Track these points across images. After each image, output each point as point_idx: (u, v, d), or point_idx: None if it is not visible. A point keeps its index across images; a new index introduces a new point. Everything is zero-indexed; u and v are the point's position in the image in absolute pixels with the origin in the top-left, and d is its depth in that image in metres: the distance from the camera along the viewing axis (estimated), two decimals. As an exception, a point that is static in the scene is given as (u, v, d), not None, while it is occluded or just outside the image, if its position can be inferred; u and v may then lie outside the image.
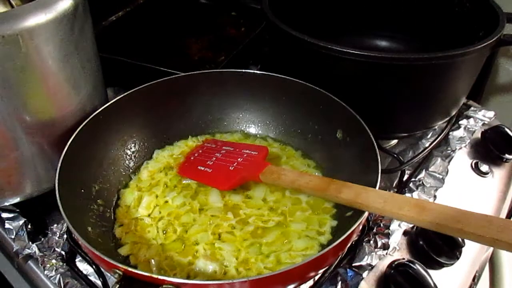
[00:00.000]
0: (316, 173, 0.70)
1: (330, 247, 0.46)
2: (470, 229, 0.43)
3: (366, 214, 0.51)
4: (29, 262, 0.64)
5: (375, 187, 0.53)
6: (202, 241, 0.59)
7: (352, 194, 0.52)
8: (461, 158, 0.81)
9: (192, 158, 0.72)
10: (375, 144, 0.58)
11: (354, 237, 0.60)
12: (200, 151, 0.73)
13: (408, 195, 0.72)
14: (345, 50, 0.63)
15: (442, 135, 0.82)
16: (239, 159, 0.67)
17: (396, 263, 0.60)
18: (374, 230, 0.65)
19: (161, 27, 1.06)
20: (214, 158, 0.69)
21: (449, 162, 0.78)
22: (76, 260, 0.63)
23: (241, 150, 0.69)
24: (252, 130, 0.79)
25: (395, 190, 0.75)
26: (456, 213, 0.45)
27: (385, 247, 0.63)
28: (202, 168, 0.68)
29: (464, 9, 0.80)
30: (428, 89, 0.69)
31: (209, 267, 0.56)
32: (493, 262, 0.83)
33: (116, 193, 0.67)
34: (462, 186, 0.76)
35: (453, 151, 0.80)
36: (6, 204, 0.64)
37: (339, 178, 0.66)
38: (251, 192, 0.66)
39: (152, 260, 0.57)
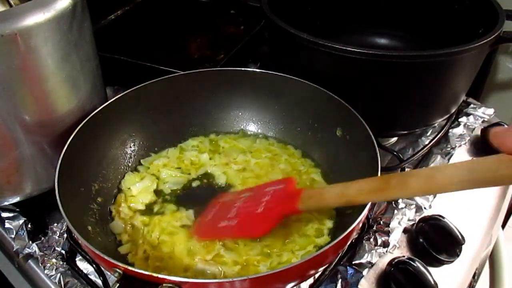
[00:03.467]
0: (316, 172, 0.70)
1: (330, 245, 0.46)
2: None
3: (366, 211, 0.50)
4: (29, 261, 0.64)
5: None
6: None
7: (422, 180, 0.44)
8: (461, 156, 0.81)
9: (209, 218, 0.63)
10: (374, 142, 0.58)
11: (354, 235, 0.60)
12: (215, 208, 0.64)
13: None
14: (344, 48, 0.63)
15: (441, 132, 0.82)
16: (265, 198, 0.59)
17: (396, 260, 0.60)
18: (374, 228, 0.65)
19: (160, 26, 1.05)
20: (235, 209, 0.60)
21: (448, 159, 0.78)
22: (76, 259, 0.63)
23: (264, 190, 0.61)
24: (252, 128, 0.78)
25: (395, 187, 0.75)
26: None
27: (385, 244, 0.63)
28: (226, 223, 0.59)
29: (464, 6, 0.80)
30: (428, 86, 0.69)
31: (207, 272, 0.56)
32: (493, 259, 0.83)
33: (116, 192, 0.67)
34: (462, 184, 0.76)
35: (453, 148, 0.80)
36: (6, 203, 0.64)
37: (338, 176, 0.66)
38: None
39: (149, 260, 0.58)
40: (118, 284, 0.44)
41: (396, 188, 0.46)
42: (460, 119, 0.86)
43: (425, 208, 0.68)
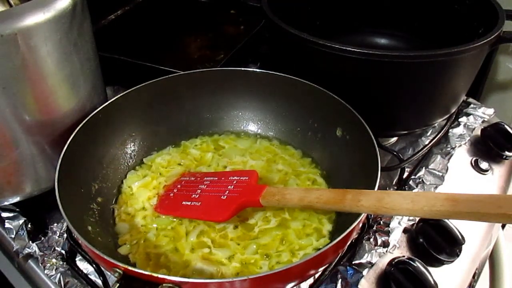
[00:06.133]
0: (316, 172, 0.70)
1: (330, 245, 0.46)
2: None
3: (365, 212, 0.51)
4: (29, 261, 0.64)
5: (375, 185, 0.53)
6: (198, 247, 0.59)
7: (373, 200, 0.48)
8: (461, 156, 0.81)
9: (171, 194, 0.65)
10: (374, 142, 0.58)
11: (354, 235, 0.60)
12: (179, 186, 0.66)
13: (408, 192, 0.72)
14: (344, 48, 0.63)
15: (441, 132, 0.82)
16: (229, 187, 0.61)
17: (396, 260, 0.60)
18: (374, 228, 0.65)
19: (160, 26, 1.05)
20: (199, 191, 0.63)
21: (448, 159, 0.78)
22: (76, 259, 0.63)
23: (228, 178, 0.63)
24: (253, 128, 0.78)
25: (395, 187, 0.75)
26: (493, 199, 0.42)
27: (385, 244, 0.63)
28: (188, 203, 0.61)
29: (464, 6, 0.80)
30: (428, 86, 0.69)
31: (205, 271, 0.56)
32: (493, 259, 0.83)
33: (116, 192, 0.67)
34: (462, 184, 0.76)
35: (453, 148, 0.80)
36: (6, 203, 0.64)
37: (339, 176, 0.66)
38: None
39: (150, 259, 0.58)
40: (118, 284, 0.44)
41: (349, 203, 0.50)
42: (460, 119, 0.86)
43: (425, 208, 0.68)
